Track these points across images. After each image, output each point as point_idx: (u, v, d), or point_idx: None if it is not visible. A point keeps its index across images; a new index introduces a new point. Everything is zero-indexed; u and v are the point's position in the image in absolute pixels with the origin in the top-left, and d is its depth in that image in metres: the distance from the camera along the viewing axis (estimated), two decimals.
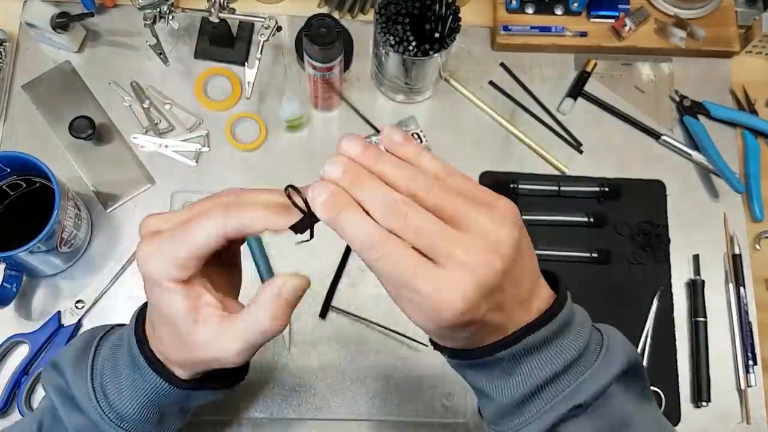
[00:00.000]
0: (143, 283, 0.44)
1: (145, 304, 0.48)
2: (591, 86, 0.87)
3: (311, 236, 0.42)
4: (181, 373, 0.47)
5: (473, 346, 0.42)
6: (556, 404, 0.43)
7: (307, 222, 0.40)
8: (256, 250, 0.76)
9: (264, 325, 0.43)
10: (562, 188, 0.82)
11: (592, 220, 0.81)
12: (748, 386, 0.77)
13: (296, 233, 0.41)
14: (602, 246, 0.80)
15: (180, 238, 0.42)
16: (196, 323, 0.43)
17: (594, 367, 0.44)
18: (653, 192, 0.83)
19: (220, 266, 0.47)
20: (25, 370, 0.71)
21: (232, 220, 0.41)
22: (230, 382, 0.51)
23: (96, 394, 0.48)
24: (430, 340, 0.45)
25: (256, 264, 0.76)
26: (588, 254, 0.79)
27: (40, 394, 0.71)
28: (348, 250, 0.78)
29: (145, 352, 0.46)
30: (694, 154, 0.85)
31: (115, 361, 0.48)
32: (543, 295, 0.45)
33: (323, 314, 0.76)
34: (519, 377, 0.43)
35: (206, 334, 0.43)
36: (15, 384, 0.71)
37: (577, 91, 0.86)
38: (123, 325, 0.52)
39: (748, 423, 0.76)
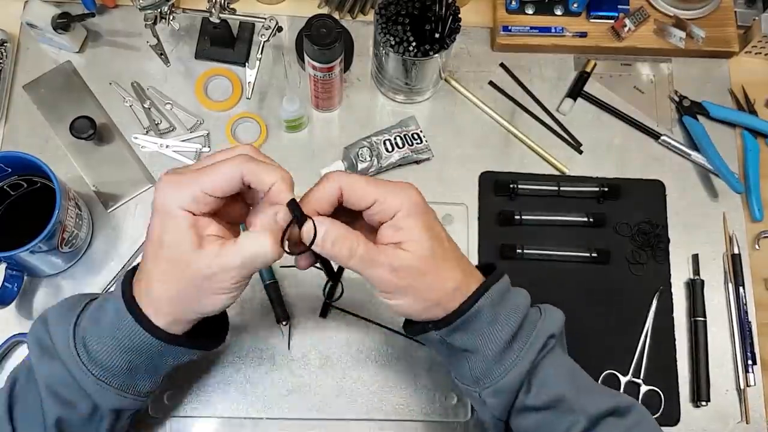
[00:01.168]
0: (152, 216, 0.49)
1: (133, 269, 0.53)
2: (591, 86, 0.87)
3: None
4: (164, 324, 0.51)
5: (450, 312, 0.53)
6: (533, 340, 0.54)
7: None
8: None
9: (263, 248, 0.48)
10: (562, 188, 0.82)
11: (591, 220, 0.81)
12: (748, 386, 0.77)
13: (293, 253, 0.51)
14: (602, 246, 0.80)
15: (202, 177, 0.48)
16: (200, 248, 0.48)
17: (549, 308, 0.58)
18: (653, 192, 0.83)
19: (231, 203, 0.52)
20: None
21: (251, 165, 0.48)
22: (209, 344, 0.56)
23: (75, 339, 0.52)
24: (408, 328, 0.57)
25: None
26: (588, 254, 0.79)
27: None
28: None
29: (128, 299, 0.51)
30: (694, 155, 0.85)
31: (100, 310, 0.53)
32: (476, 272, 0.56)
33: (323, 314, 0.76)
34: (499, 324, 0.53)
35: (207, 256, 0.48)
36: None
37: (576, 91, 0.87)
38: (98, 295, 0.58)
39: (747, 422, 0.76)
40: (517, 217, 0.80)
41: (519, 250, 0.79)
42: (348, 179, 0.51)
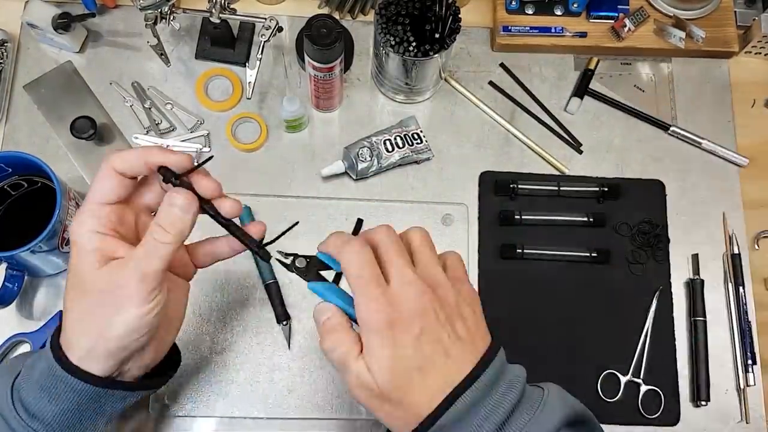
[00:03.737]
0: (70, 255, 0.48)
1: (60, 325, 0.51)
2: (591, 86, 0.87)
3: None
4: (95, 368, 0.48)
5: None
6: None
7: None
8: None
9: (164, 235, 0.47)
10: (561, 188, 0.82)
11: (591, 219, 0.81)
12: (748, 385, 0.77)
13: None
14: (602, 246, 0.80)
15: (89, 192, 0.48)
16: (102, 266, 0.47)
17: (534, 418, 0.46)
18: (652, 192, 0.83)
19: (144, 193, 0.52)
20: None
21: (116, 154, 0.48)
22: (151, 384, 0.54)
23: (12, 396, 0.49)
24: None
25: (258, 266, 0.76)
26: (588, 254, 0.80)
27: None
28: None
29: (57, 353, 0.49)
30: (704, 143, 0.85)
31: (33, 364, 0.50)
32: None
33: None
34: None
35: (104, 270, 0.47)
36: None
37: (583, 89, 0.87)
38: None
39: (747, 422, 0.76)
40: (518, 216, 0.80)
41: (519, 250, 0.79)
42: (347, 253, 0.47)
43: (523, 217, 0.80)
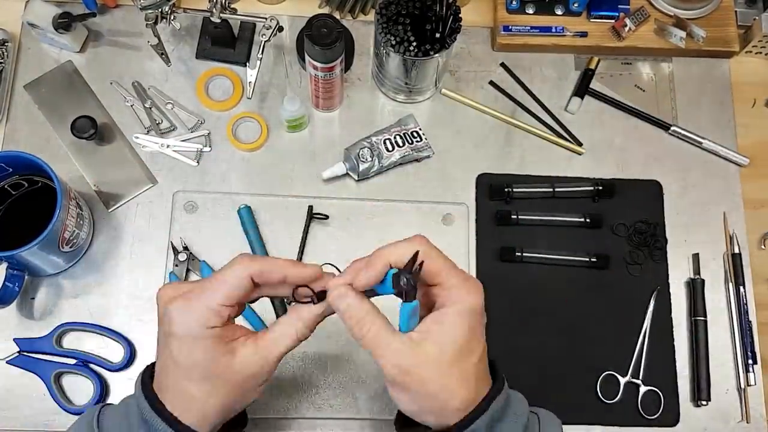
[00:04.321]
0: (169, 343, 0.48)
1: (145, 372, 0.51)
2: (592, 85, 0.87)
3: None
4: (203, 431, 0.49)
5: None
6: None
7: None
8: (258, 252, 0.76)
9: (301, 330, 0.51)
10: (556, 189, 0.82)
11: (588, 220, 0.81)
12: (748, 385, 0.77)
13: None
14: (599, 247, 0.80)
15: (212, 288, 0.48)
16: (234, 353, 0.48)
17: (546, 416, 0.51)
18: (649, 192, 0.83)
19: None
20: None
21: (257, 263, 0.49)
22: None
23: None
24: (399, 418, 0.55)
25: None
26: (587, 259, 0.79)
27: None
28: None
29: (160, 411, 0.48)
30: (705, 143, 0.85)
31: (129, 427, 0.49)
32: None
33: None
34: None
35: (245, 355, 0.49)
36: None
37: (583, 89, 0.87)
38: (110, 404, 0.54)
39: (747, 422, 0.76)
40: (514, 216, 0.80)
41: (518, 253, 0.79)
42: (429, 250, 0.49)
43: (519, 217, 0.80)
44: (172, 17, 0.77)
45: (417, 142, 0.82)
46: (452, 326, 0.47)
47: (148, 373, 0.51)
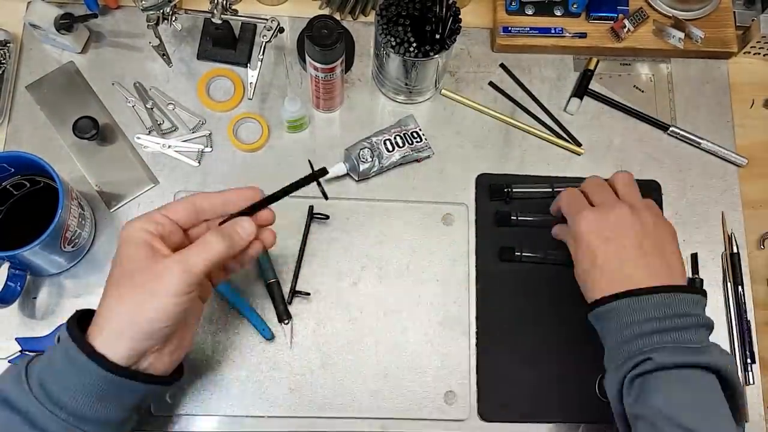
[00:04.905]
0: (118, 248, 0.55)
1: (76, 312, 0.56)
2: (591, 86, 0.88)
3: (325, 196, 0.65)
4: (114, 355, 0.52)
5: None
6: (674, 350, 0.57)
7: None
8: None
9: (222, 243, 0.55)
10: (556, 189, 0.82)
11: None
12: (747, 384, 0.77)
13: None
14: None
15: (160, 209, 0.56)
16: (160, 260, 0.53)
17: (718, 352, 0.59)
18: (648, 192, 0.83)
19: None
20: None
21: (200, 198, 0.58)
22: (166, 379, 0.58)
23: (32, 388, 0.51)
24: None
25: (259, 266, 0.77)
26: None
27: None
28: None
29: (80, 342, 0.52)
30: (703, 143, 0.85)
31: (51, 361, 0.53)
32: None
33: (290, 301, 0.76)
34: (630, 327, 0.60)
35: (167, 263, 0.53)
36: None
37: (582, 90, 0.87)
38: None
39: (746, 421, 0.76)
40: (514, 217, 0.80)
41: (518, 253, 0.79)
42: (566, 192, 0.68)
43: (519, 218, 0.81)
44: (173, 18, 0.77)
45: (417, 142, 0.82)
46: (574, 249, 0.67)
47: (79, 312, 0.57)
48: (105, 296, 0.55)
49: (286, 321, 0.75)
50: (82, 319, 0.56)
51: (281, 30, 0.77)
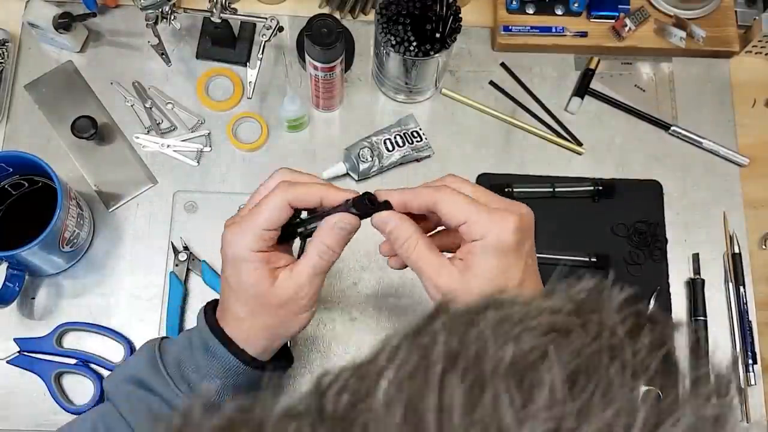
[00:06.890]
0: (225, 266, 0.52)
1: (209, 304, 0.56)
2: (592, 85, 0.87)
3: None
4: (253, 353, 0.53)
5: None
6: None
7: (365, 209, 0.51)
8: None
9: (323, 250, 0.51)
10: (556, 189, 0.82)
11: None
12: (748, 385, 0.77)
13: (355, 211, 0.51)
14: (599, 247, 0.80)
15: (257, 217, 0.51)
16: (275, 278, 0.51)
17: None
18: (649, 191, 0.83)
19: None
20: None
21: (293, 190, 0.51)
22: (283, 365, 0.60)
23: (174, 381, 0.53)
24: None
25: None
26: (587, 259, 0.79)
27: None
28: None
29: (220, 336, 0.53)
30: (705, 142, 0.85)
31: (191, 351, 0.54)
32: None
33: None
34: None
35: (281, 280, 0.51)
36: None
37: (583, 89, 0.87)
38: (168, 337, 0.59)
39: (748, 422, 0.76)
40: None
41: None
42: (445, 196, 0.49)
43: None
44: (172, 17, 0.77)
45: (417, 142, 0.82)
46: (477, 263, 0.48)
47: (211, 305, 0.56)
48: (240, 317, 0.53)
49: None
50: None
51: (281, 29, 0.77)
